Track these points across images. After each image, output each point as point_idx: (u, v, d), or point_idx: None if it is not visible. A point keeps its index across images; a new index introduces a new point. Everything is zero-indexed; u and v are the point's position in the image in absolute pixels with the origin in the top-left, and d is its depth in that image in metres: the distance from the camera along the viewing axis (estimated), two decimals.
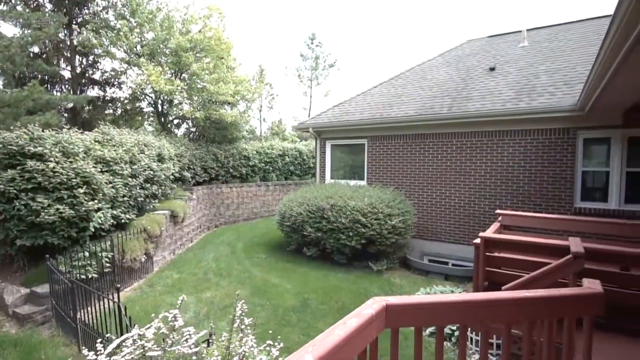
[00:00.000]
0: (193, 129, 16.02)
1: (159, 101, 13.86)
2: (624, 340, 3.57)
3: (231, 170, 14.06)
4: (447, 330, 4.98)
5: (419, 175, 8.91)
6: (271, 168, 16.15)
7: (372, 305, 1.75)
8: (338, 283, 7.05)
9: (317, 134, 10.62)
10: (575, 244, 3.39)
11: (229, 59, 14.43)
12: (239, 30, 44.51)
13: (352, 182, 9.85)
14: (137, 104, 14.69)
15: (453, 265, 8.33)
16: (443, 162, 8.57)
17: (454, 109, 8.38)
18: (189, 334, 2.41)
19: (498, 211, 5.86)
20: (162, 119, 14.34)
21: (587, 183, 7.15)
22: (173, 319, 2.24)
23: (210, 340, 2.77)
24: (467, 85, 9.28)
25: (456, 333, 4.81)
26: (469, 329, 4.70)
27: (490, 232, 4.91)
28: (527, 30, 11.25)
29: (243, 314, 2.42)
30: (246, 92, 14.68)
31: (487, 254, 4.31)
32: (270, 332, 4.28)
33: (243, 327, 2.39)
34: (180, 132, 16.38)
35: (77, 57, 13.34)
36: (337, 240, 7.82)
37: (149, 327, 2.23)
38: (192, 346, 2.26)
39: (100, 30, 12.18)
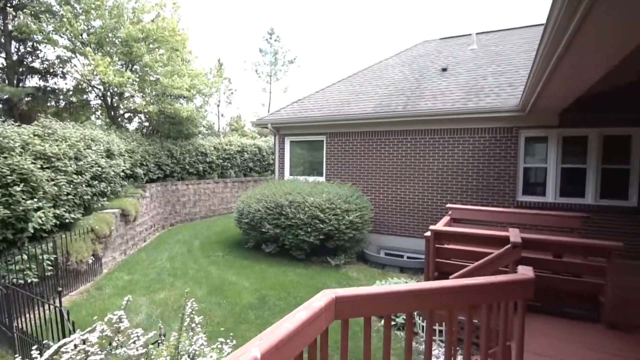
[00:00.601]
0: (146, 124, 15.32)
1: (108, 93, 13.09)
2: (558, 322, 3.90)
3: (187, 167, 13.61)
4: (401, 320, 5.18)
5: (375, 172, 9.15)
6: (230, 164, 15.83)
7: (322, 298, 1.79)
8: (296, 278, 7.09)
9: (275, 130, 10.55)
10: (514, 235, 3.66)
11: (184, 52, 13.92)
12: (196, 22, 43.04)
13: (311, 179, 9.91)
14: (84, 96, 13.77)
15: (408, 258, 8.64)
16: (398, 159, 8.85)
17: (409, 107, 8.67)
18: (137, 336, 2.33)
19: (448, 205, 6.16)
20: (112, 113, 13.58)
21: (528, 178, 7.69)
22: (118, 320, 2.15)
23: (161, 341, 2.69)
24: (421, 84, 9.64)
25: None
26: (420, 317, 4.93)
27: (440, 225, 5.15)
28: (477, 34, 11.86)
29: (193, 312, 2.38)
30: (203, 86, 14.25)
31: (437, 246, 4.53)
32: (227, 330, 4.23)
33: (194, 325, 2.34)
34: (132, 126, 15.60)
35: (14, 43, 12.26)
36: (296, 236, 7.84)
37: (91, 330, 2.12)
38: (140, 348, 2.18)
39: (40, 15, 11.27)
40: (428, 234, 4.41)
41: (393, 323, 5.33)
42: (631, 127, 6.81)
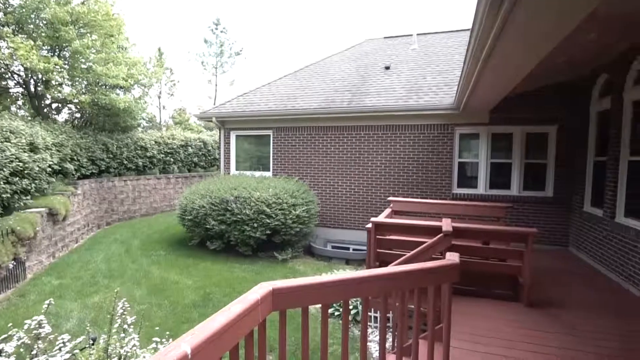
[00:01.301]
0: (78, 115, 14.12)
1: (32, 81, 11.86)
2: (487, 303, 4.26)
3: (125, 162, 12.78)
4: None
5: (322, 166, 9.28)
6: (172, 159, 15.13)
7: (258, 290, 1.81)
8: (242, 274, 7.00)
9: (221, 123, 10.27)
10: (446, 224, 3.93)
11: (120, 38, 12.98)
12: (134, 7, 40.27)
13: (258, 174, 9.81)
14: (2, 83, 12.34)
15: (354, 250, 8.90)
16: (344, 154, 9.06)
17: (354, 103, 8.89)
18: (63, 342, 2.18)
19: (390, 198, 6.44)
20: (37, 102, 12.32)
21: (462, 172, 8.26)
22: (38, 326, 2.00)
23: (90, 346, 2.54)
24: (366, 81, 9.91)
25: (353, 311, 5.19)
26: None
27: (381, 217, 5.38)
28: (417, 34, 12.42)
29: (125, 312, 2.27)
30: (142, 76, 13.44)
31: (378, 237, 4.73)
32: (168, 330, 4.08)
33: (126, 326, 2.24)
34: (61, 118, 14.28)
35: None
36: (242, 232, 7.74)
37: (7, 339, 1.95)
38: (65, 354, 2.05)
39: None
40: (369, 225, 4.59)
41: (337, 313, 5.48)
42: (548, 126, 7.58)
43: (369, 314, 5.06)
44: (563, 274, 5.77)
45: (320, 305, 2.01)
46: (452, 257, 2.56)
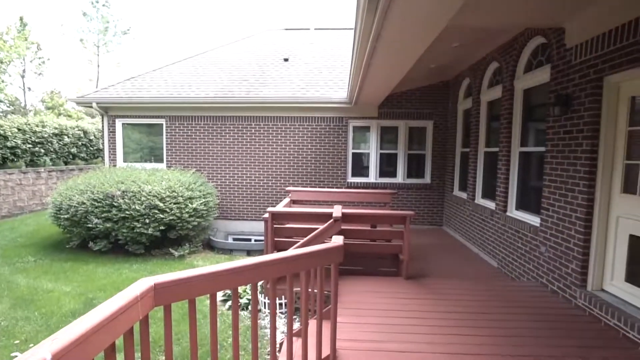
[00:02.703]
0: None
1: None
2: (375, 280, 4.70)
3: None
4: (245, 300, 5.36)
5: (220, 157, 9.02)
6: (43, 150, 13.03)
7: (138, 286, 1.75)
8: (133, 275, 6.48)
9: (104, 110, 9.20)
10: (337, 211, 4.22)
11: None
12: None
13: (150, 166, 9.08)
14: None
15: (255, 240, 8.92)
16: (243, 144, 8.95)
17: (252, 93, 8.82)
18: None
19: (288, 188, 6.61)
20: None
21: (355, 162, 8.88)
22: None
23: None
24: (264, 72, 9.89)
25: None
26: (263, 294, 5.21)
27: (280, 207, 5.51)
28: (315, 29, 12.80)
29: None
30: None
31: (276, 226, 4.85)
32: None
33: None
34: None
35: None
36: (132, 229, 7.12)
37: None
38: None
39: None
40: (266, 215, 4.67)
41: (238, 304, 5.47)
42: (426, 121, 8.59)
43: (265, 300, 5.17)
44: (437, 249, 6.68)
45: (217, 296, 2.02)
46: (337, 240, 2.79)
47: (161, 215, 7.12)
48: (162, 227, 7.22)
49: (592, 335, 3.24)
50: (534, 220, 4.74)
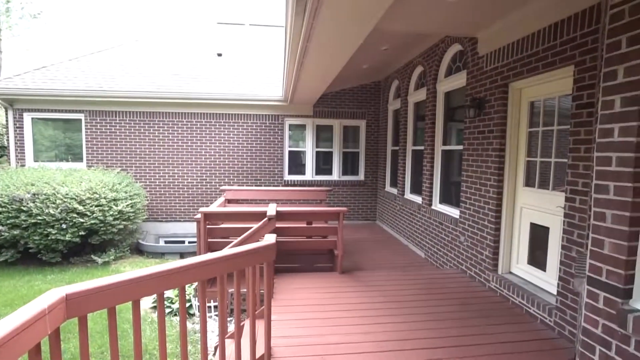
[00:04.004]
0: None
1: None
2: (312, 276, 4.78)
3: None
4: (177, 305, 5.13)
5: (149, 156, 8.49)
6: None
7: (46, 299, 1.60)
8: (47, 287, 5.85)
9: (8, 103, 8.15)
10: (271, 209, 4.22)
11: None
12: None
13: (67, 165, 8.25)
14: None
15: (190, 242, 8.55)
16: (175, 142, 8.52)
17: (184, 89, 8.42)
18: None
19: (222, 187, 6.45)
20: None
21: (292, 160, 8.92)
22: None
23: None
24: (196, 67, 9.49)
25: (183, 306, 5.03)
26: (196, 298, 5.04)
27: (214, 207, 5.35)
28: (250, 25, 12.57)
29: None
30: None
31: (209, 226, 4.71)
32: None
33: None
34: None
35: None
36: (46, 236, 6.42)
37: None
38: None
39: None
40: (199, 216, 4.51)
41: (169, 310, 5.24)
42: (359, 120, 8.91)
43: (196, 303, 5.01)
44: (370, 243, 6.98)
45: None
46: (270, 239, 2.79)
47: (81, 220, 6.51)
48: (82, 233, 6.62)
49: (501, 314, 3.64)
50: (454, 212, 5.17)
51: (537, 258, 3.81)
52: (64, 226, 6.44)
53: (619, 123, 1.80)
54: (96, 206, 6.68)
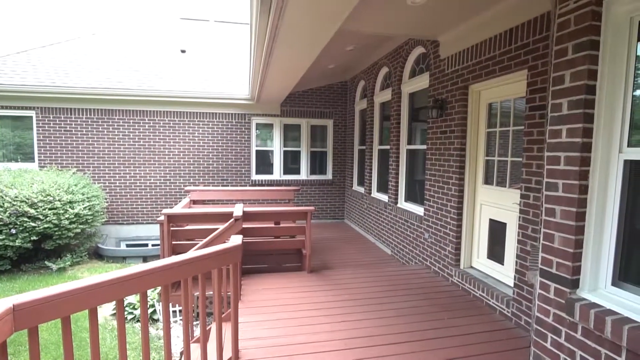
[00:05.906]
0: None
1: None
2: (280, 276, 4.75)
3: None
4: (139, 312, 4.94)
5: (108, 155, 8.10)
6: None
7: None
8: None
9: None
10: (238, 209, 4.15)
11: None
12: None
13: (16, 166, 7.72)
14: None
15: (153, 245, 8.24)
16: (136, 141, 8.18)
17: (145, 85, 8.10)
18: None
19: (187, 188, 6.27)
20: None
21: (260, 160, 8.82)
22: None
23: None
24: (159, 63, 9.16)
25: (150, 310, 4.86)
26: (159, 302, 4.87)
27: (178, 208, 5.19)
28: (215, 21, 12.29)
29: None
30: None
31: (173, 228, 4.56)
32: None
33: None
34: None
35: None
36: None
37: None
38: None
39: None
40: (162, 218, 4.36)
41: (132, 316, 5.04)
42: (327, 119, 8.96)
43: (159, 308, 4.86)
44: (338, 241, 7.04)
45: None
46: (236, 240, 2.75)
47: (32, 224, 6.11)
48: (34, 237, 6.21)
49: (463, 307, 3.78)
50: (419, 210, 5.32)
51: (496, 252, 3.99)
52: (13, 231, 6.02)
53: (566, 125, 1.92)
54: (50, 209, 6.29)
